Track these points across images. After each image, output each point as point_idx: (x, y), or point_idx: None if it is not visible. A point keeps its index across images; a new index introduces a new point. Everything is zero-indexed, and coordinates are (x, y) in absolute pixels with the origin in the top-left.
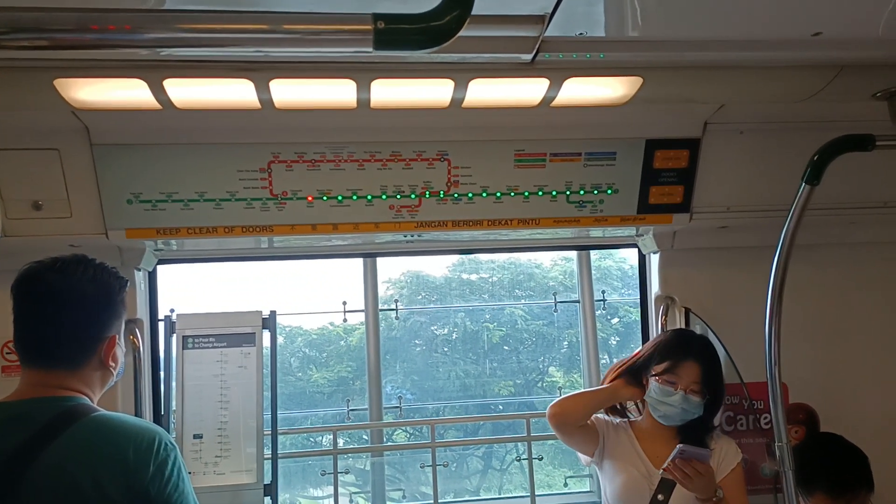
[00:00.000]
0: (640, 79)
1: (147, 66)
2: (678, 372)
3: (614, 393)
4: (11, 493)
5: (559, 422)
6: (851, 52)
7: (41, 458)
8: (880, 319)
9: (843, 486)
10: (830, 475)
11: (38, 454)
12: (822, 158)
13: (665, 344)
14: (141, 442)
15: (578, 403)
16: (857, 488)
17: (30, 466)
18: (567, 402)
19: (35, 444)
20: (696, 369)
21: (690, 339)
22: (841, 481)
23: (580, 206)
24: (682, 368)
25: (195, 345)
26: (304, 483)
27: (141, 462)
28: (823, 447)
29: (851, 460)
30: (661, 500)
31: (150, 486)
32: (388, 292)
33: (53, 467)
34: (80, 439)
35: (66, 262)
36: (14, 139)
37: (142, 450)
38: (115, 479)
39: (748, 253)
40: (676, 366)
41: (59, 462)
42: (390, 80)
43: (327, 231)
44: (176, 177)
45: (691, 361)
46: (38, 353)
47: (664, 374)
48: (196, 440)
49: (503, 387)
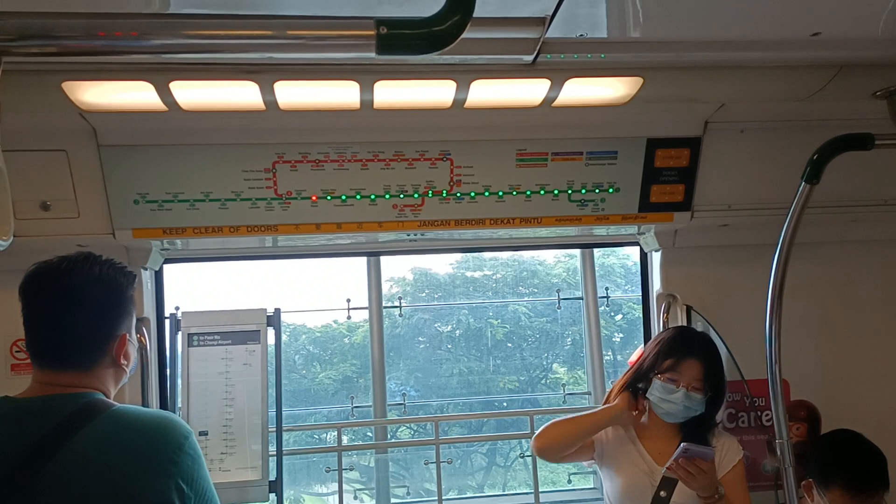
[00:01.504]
0: (641, 79)
1: (153, 68)
2: (680, 370)
3: (608, 418)
4: (31, 487)
5: (544, 456)
6: (851, 51)
7: (63, 452)
8: (880, 316)
9: (862, 484)
10: (851, 472)
11: (59, 448)
12: (821, 157)
13: (667, 342)
14: (164, 433)
15: (565, 434)
16: (876, 487)
17: (51, 460)
18: (552, 435)
19: (56, 437)
20: (697, 367)
21: (692, 336)
22: (860, 479)
23: (582, 205)
24: (684, 366)
25: (200, 342)
26: (308, 480)
27: (166, 452)
28: (845, 444)
29: (872, 459)
30: (664, 496)
31: (174, 475)
32: (393, 290)
33: (77, 461)
34: (103, 432)
35: (73, 261)
36: (22, 140)
37: (166, 440)
38: (140, 471)
39: (749, 251)
40: (678, 364)
41: (82, 455)
42: (393, 82)
43: (331, 230)
44: (182, 177)
45: (693, 359)
46: (51, 356)
47: (667, 372)
48: (201, 437)
49: (507, 383)
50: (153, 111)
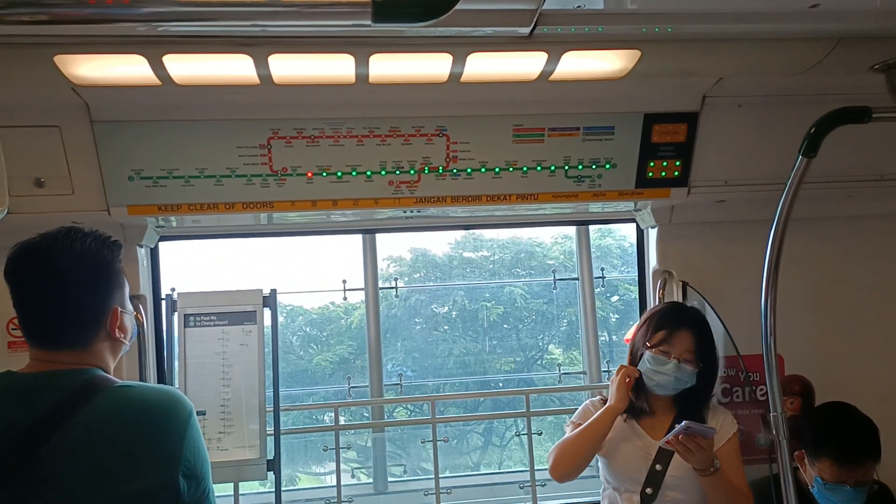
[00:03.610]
0: (639, 52)
1: (146, 41)
2: (672, 341)
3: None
4: (36, 461)
5: (568, 479)
6: (849, 23)
7: (68, 428)
8: (876, 292)
9: (850, 454)
10: (839, 442)
11: (64, 424)
12: (818, 131)
13: (659, 315)
14: (170, 411)
15: (579, 454)
16: (864, 458)
17: (56, 436)
18: (568, 460)
19: (62, 413)
20: (689, 339)
21: (684, 309)
22: (848, 449)
23: (578, 181)
24: (676, 338)
25: (197, 323)
26: (306, 459)
27: (171, 429)
28: (836, 415)
29: (861, 430)
30: (659, 469)
31: (183, 451)
32: (390, 269)
33: (82, 437)
34: (107, 409)
35: (55, 238)
36: (15, 116)
37: (171, 420)
38: (147, 447)
39: (745, 227)
40: (671, 335)
41: (87, 431)
42: (388, 55)
43: (327, 207)
44: (176, 153)
45: (685, 331)
46: (45, 338)
47: (659, 345)
48: (199, 416)
49: (503, 363)
50: (147, 85)
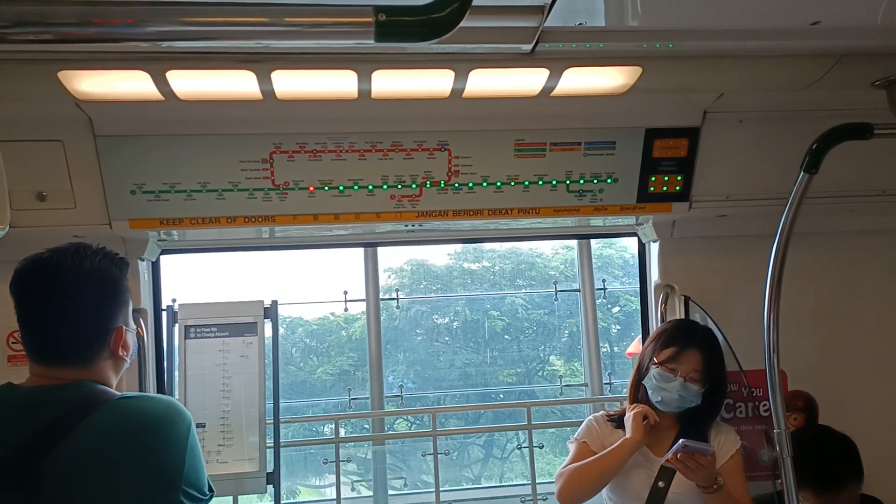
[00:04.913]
0: (640, 68)
1: (150, 57)
2: (680, 359)
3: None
4: (36, 475)
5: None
6: (850, 40)
7: (68, 441)
8: (878, 307)
9: (829, 481)
10: (816, 470)
11: (64, 437)
12: (820, 147)
13: (670, 331)
14: (170, 422)
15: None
16: (844, 481)
17: (55, 448)
18: (579, 490)
19: (62, 426)
20: (697, 358)
21: (695, 328)
22: (826, 476)
23: (580, 196)
24: (684, 356)
25: (197, 334)
26: (306, 472)
27: (172, 442)
28: (809, 442)
29: (835, 453)
30: (662, 486)
31: (183, 464)
32: (390, 281)
33: (81, 451)
34: (107, 422)
35: (63, 254)
36: (18, 130)
37: (172, 430)
38: (148, 461)
39: (747, 241)
40: (679, 353)
41: (87, 445)
42: (391, 71)
43: (329, 221)
44: (179, 168)
45: (694, 350)
46: (48, 355)
47: (667, 362)
48: (199, 429)
49: (505, 375)
50: (150, 101)
